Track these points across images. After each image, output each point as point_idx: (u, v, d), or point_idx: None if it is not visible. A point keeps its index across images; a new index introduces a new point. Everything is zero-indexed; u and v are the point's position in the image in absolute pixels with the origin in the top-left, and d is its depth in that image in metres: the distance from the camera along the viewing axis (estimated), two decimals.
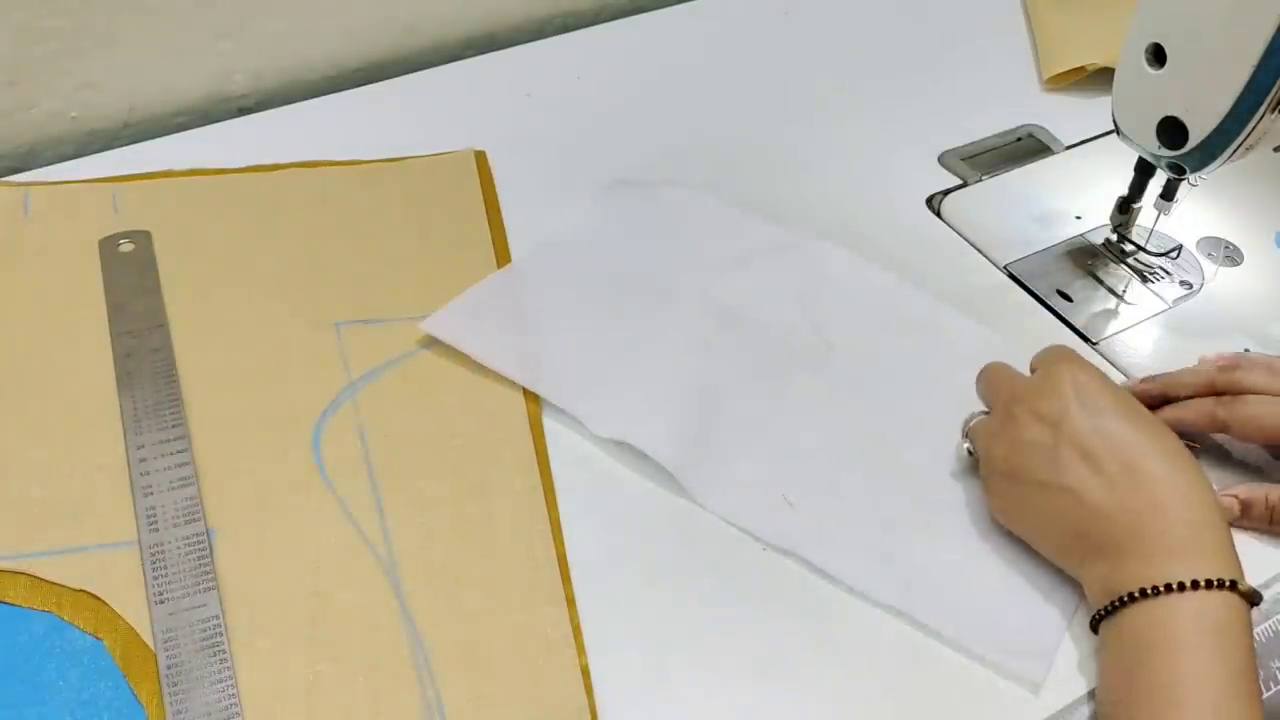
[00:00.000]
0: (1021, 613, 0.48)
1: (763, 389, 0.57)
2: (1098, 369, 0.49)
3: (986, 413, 0.52)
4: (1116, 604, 0.43)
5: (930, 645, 0.48)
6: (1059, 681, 0.47)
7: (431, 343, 0.58)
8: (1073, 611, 0.48)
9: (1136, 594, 0.43)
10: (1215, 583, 0.42)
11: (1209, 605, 0.42)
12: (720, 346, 0.59)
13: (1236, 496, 0.51)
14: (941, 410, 0.55)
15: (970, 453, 0.52)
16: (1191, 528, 0.44)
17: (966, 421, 0.53)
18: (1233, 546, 0.44)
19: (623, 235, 0.65)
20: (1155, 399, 0.54)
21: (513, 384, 0.56)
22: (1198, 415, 0.53)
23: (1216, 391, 0.53)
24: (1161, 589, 0.42)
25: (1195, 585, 0.42)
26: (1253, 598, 0.43)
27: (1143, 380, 0.56)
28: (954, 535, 0.51)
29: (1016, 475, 0.48)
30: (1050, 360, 0.50)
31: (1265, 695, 0.47)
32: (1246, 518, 0.51)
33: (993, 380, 0.53)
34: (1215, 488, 0.51)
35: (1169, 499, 0.44)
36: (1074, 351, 0.51)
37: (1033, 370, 0.52)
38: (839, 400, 0.57)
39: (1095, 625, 0.45)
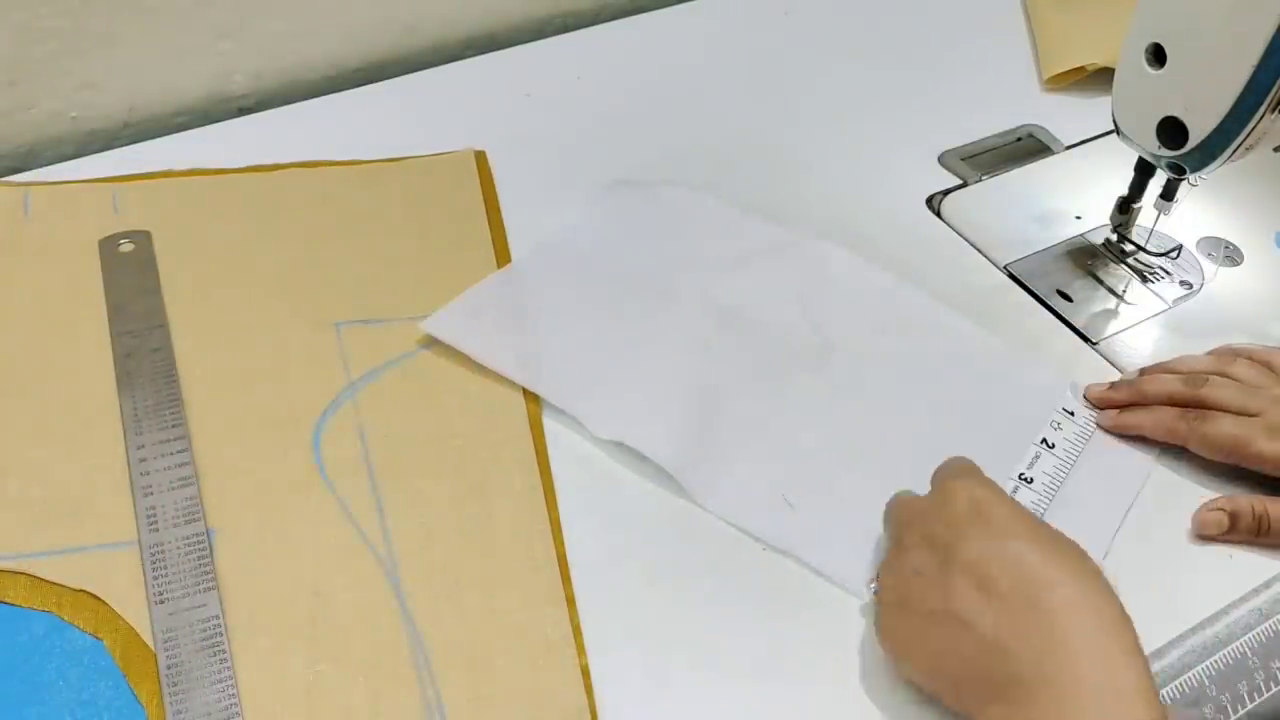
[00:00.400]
0: None
1: (763, 389, 0.57)
2: (996, 485, 0.45)
3: None
4: None
5: None
6: None
7: (431, 343, 0.58)
8: None
9: None
10: None
11: None
12: (720, 347, 0.59)
13: (1223, 510, 0.51)
14: (941, 411, 0.55)
15: (876, 593, 0.46)
16: (1102, 663, 0.37)
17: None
18: (1148, 671, 0.38)
19: (622, 235, 0.65)
20: (1122, 404, 0.55)
21: (513, 384, 0.56)
22: (1156, 426, 0.53)
23: (1183, 402, 0.53)
24: None
25: None
26: None
27: (1111, 386, 0.56)
28: None
29: (906, 604, 0.43)
30: (947, 475, 0.46)
31: (1265, 695, 0.47)
32: (1234, 530, 0.51)
33: (890, 509, 0.49)
34: (1200, 498, 0.51)
35: (1073, 630, 0.38)
36: (974, 466, 0.47)
37: (932, 485, 0.47)
38: (839, 401, 0.57)
39: None
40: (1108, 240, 0.66)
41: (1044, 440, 0.55)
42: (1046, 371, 0.59)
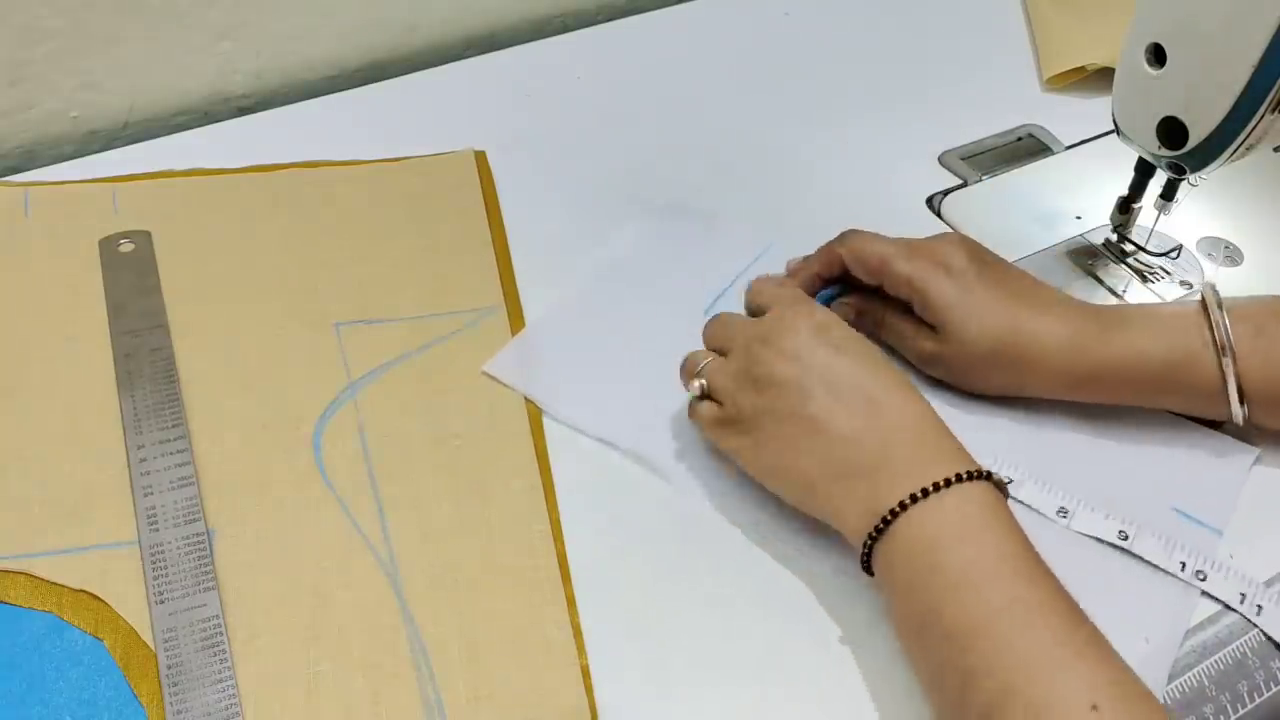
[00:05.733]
0: None
1: None
2: (830, 312, 0.51)
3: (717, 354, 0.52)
4: (888, 519, 0.44)
5: None
6: None
7: (431, 342, 0.58)
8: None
9: (907, 501, 0.44)
10: (972, 474, 0.44)
11: (974, 494, 0.44)
12: None
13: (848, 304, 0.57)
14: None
15: (703, 393, 0.51)
16: (933, 440, 0.46)
17: (691, 364, 0.52)
18: (957, 443, 0.46)
19: (666, 261, 0.64)
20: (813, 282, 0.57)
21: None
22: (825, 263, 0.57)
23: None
24: (930, 489, 0.44)
25: (958, 478, 0.44)
26: (1003, 486, 0.45)
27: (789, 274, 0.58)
28: None
29: (768, 411, 0.49)
30: (785, 302, 0.51)
31: (1265, 695, 0.47)
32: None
33: (726, 323, 0.53)
34: None
35: (905, 420, 0.47)
36: (805, 296, 0.53)
37: (754, 311, 0.53)
38: None
39: (868, 560, 0.45)
40: (1108, 240, 0.66)
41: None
42: None
